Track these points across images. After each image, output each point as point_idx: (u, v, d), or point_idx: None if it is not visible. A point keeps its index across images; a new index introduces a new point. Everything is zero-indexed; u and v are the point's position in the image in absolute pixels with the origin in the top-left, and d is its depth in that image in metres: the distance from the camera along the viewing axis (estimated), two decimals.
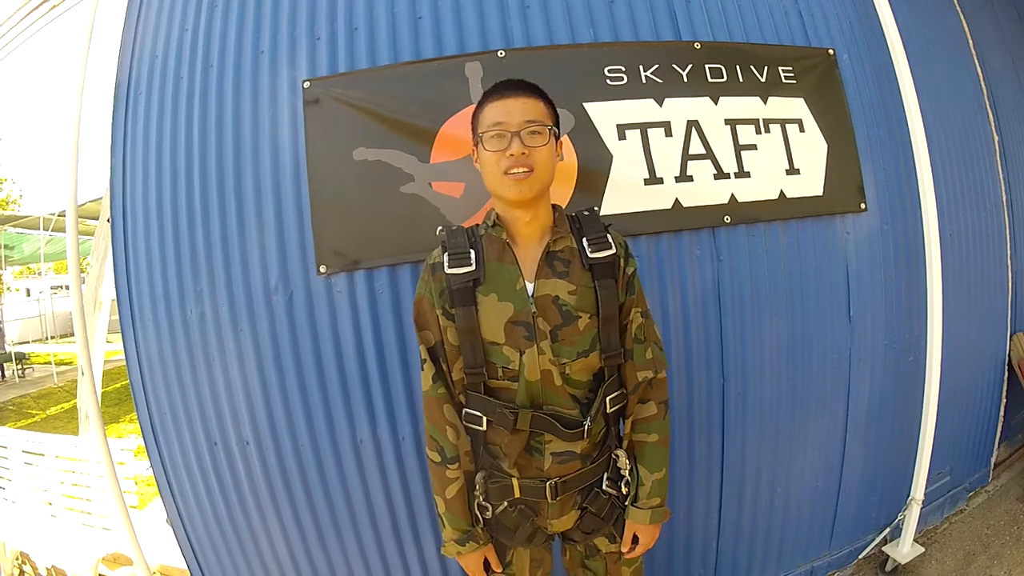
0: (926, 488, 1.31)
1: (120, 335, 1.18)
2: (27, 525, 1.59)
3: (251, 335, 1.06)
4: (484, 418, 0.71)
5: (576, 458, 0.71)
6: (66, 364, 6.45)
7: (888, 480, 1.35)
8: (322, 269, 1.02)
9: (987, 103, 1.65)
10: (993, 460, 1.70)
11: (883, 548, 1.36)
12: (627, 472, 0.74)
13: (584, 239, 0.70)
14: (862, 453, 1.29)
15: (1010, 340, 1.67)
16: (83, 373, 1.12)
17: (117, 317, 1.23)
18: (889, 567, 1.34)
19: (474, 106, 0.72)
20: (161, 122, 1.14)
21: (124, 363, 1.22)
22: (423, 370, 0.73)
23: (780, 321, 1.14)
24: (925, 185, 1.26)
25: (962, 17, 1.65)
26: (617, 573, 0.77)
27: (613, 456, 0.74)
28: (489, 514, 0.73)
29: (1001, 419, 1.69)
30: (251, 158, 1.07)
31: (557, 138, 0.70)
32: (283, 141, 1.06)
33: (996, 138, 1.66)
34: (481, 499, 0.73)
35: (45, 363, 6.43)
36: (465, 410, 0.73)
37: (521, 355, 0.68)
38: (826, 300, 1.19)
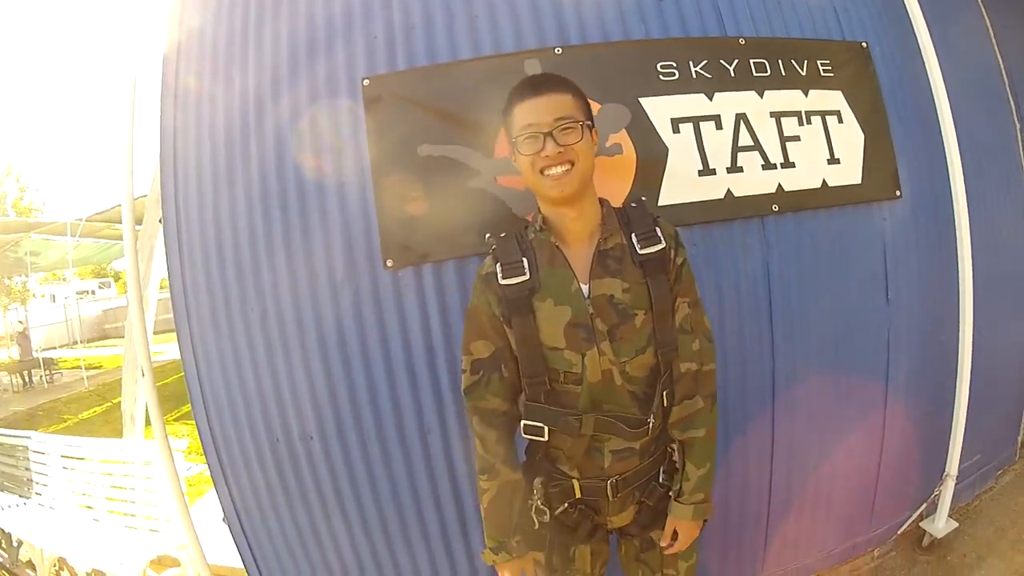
0: (960, 465, 1.47)
1: (161, 335, 1.26)
2: (67, 530, 1.66)
3: (315, 330, 1.16)
4: (546, 428, 0.74)
5: (635, 454, 0.76)
6: (95, 368, 6.84)
7: (924, 458, 1.52)
8: (389, 263, 1.13)
9: (1008, 91, 1.83)
10: (1020, 439, 1.89)
11: (920, 524, 1.52)
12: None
13: (633, 235, 0.74)
14: (900, 431, 1.45)
15: None
16: (144, 374, 1.21)
17: (161, 317, 1.31)
18: (926, 542, 1.50)
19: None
20: (214, 117, 1.23)
21: (164, 363, 1.30)
22: (462, 381, 0.78)
23: (825, 304, 1.29)
24: (955, 170, 1.42)
25: (982, 6, 1.83)
26: (674, 566, 0.82)
27: (669, 449, 0.80)
28: (547, 517, 0.77)
29: None
30: (312, 154, 1.17)
31: (591, 128, 0.73)
32: (344, 136, 1.16)
33: (1018, 125, 1.84)
34: (540, 503, 0.76)
35: (74, 367, 6.78)
36: (524, 422, 0.76)
37: (583, 357, 0.72)
38: (867, 283, 1.35)
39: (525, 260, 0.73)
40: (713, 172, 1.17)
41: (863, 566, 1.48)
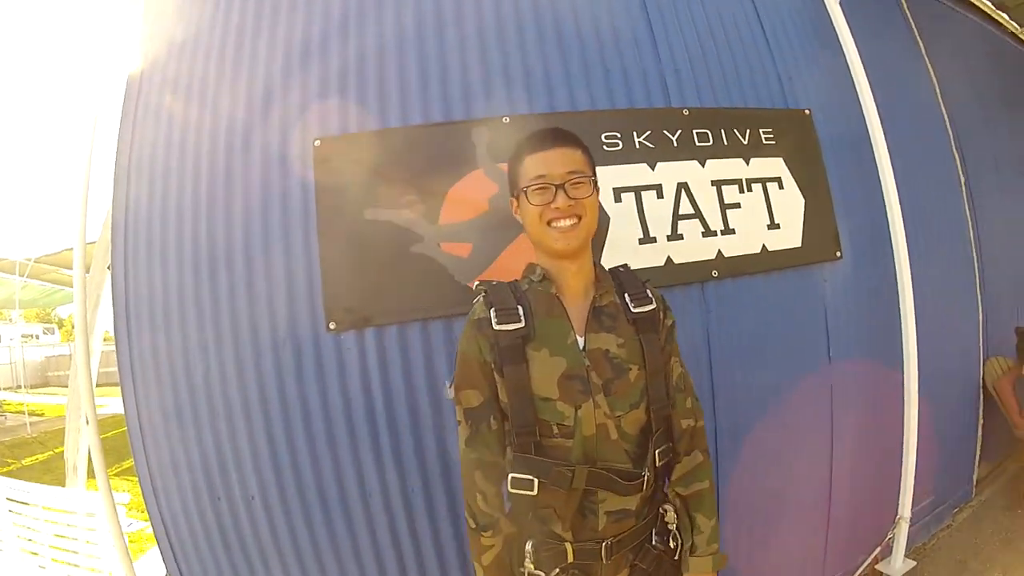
0: (912, 507, 1.52)
1: (104, 388, 1.26)
2: (11, 572, 1.63)
3: (257, 390, 1.17)
4: (535, 481, 0.72)
5: (631, 516, 0.75)
6: (37, 415, 6.76)
7: (875, 503, 1.56)
8: (332, 325, 1.15)
9: (953, 147, 1.94)
10: (975, 478, 1.96)
11: (876, 567, 1.56)
12: (674, 526, 0.79)
13: (626, 294, 0.78)
14: (849, 481, 1.50)
15: (983, 365, 1.94)
16: (88, 422, 1.20)
17: (104, 369, 1.31)
18: None
19: (505, 164, 0.79)
20: (167, 171, 1.25)
21: (106, 417, 1.30)
22: (458, 432, 0.77)
23: (766, 364, 1.34)
24: (896, 229, 1.50)
25: (927, 59, 1.94)
26: None
27: (661, 511, 0.79)
28: None
29: (979, 438, 1.95)
30: (260, 213, 1.19)
31: (597, 187, 0.76)
32: (293, 197, 1.18)
33: (962, 179, 1.94)
34: (532, 568, 0.74)
35: (17, 412, 6.73)
36: (512, 475, 0.74)
37: (576, 410, 0.72)
38: (809, 342, 1.40)
39: (520, 308, 0.74)
40: (654, 240, 1.21)
41: None
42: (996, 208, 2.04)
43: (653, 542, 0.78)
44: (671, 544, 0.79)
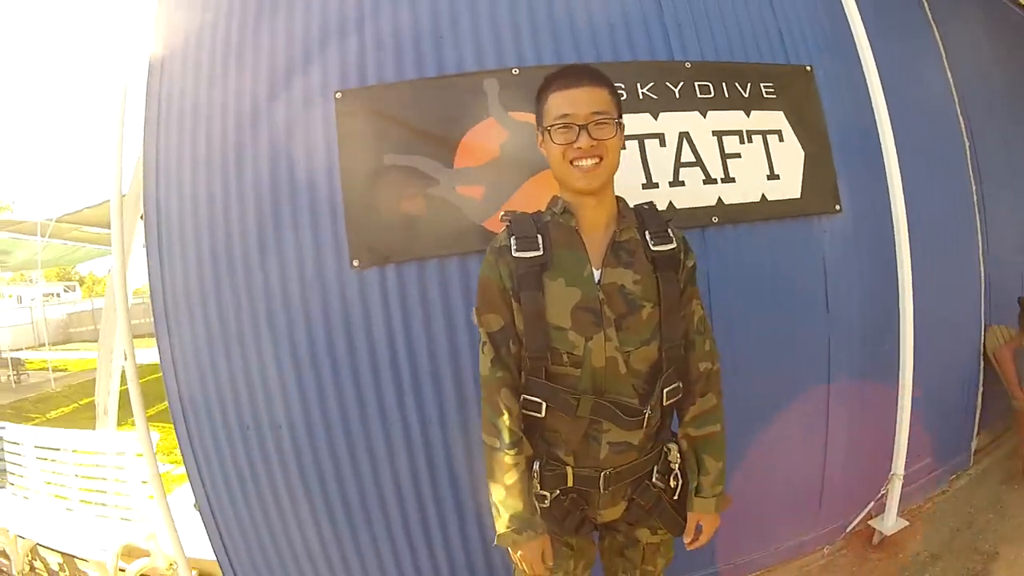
0: (907, 467, 1.57)
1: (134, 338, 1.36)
2: (40, 518, 1.75)
3: (286, 325, 1.27)
4: (544, 404, 0.76)
5: (632, 449, 0.77)
6: (61, 370, 7.12)
7: (870, 459, 1.62)
8: (355, 263, 1.24)
9: (958, 108, 1.96)
10: (974, 446, 1.99)
11: (869, 523, 1.62)
12: (676, 466, 0.81)
13: (647, 232, 0.78)
14: (845, 435, 1.56)
15: (984, 332, 1.97)
16: (126, 357, 1.31)
17: (133, 322, 1.42)
18: (876, 540, 1.60)
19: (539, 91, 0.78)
20: (196, 121, 1.34)
21: (138, 364, 1.41)
22: (482, 353, 0.79)
23: (764, 311, 1.40)
24: (895, 186, 1.54)
25: (932, 21, 1.96)
26: (653, 563, 0.86)
27: (665, 449, 0.81)
28: (546, 503, 0.78)
29: (979, 407, 1.99)
30: (285, 159, 1.29)
31: (621, 126, 0.76)
32: (316, 144, 1.28)
33: (967, 142, 1.97)
34: (538, 488, 0.78)
35: (40, 369, 7.04)
36: (524, 396, 0.77)
37: (587, 341, 0.74)
38: (806, 292, 1.46)
39: (540, 237, 0.76)
40: (656, 185, 1.29)
41: (813, 563, 1.57)
42: (1001, 173, 2.06)
43: (653, 480, 0.80)
44: (671, 483, 0.81)
